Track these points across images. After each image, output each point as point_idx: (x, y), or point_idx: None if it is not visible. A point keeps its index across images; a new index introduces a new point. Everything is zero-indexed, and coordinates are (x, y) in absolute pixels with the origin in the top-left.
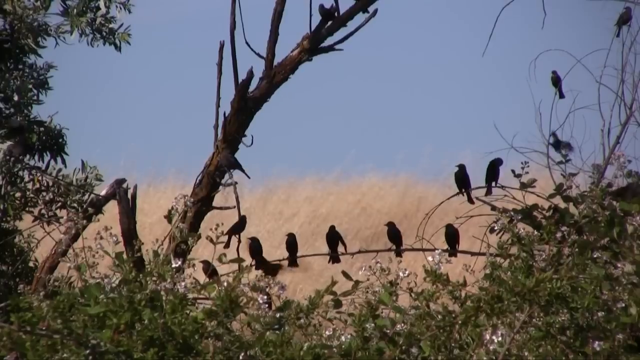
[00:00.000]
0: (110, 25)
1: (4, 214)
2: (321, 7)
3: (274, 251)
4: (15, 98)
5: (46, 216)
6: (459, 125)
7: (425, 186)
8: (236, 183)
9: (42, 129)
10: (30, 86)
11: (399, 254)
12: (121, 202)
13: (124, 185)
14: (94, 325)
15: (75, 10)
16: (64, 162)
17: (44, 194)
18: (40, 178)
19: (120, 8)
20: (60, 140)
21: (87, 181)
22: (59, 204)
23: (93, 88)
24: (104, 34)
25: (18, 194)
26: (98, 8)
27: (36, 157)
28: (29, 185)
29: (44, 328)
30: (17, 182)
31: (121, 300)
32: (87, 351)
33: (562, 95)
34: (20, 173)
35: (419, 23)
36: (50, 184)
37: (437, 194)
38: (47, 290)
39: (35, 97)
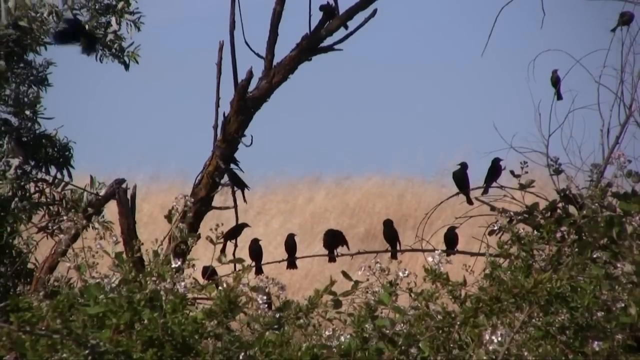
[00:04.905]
0: (121, 43)
1: (12, 227)
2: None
3: (274, 252)
4: (27, 112)
5: (50, 229)
6: (457, 125)
7: (423, 186)
8: (234, 185)
9: (48, 143)
10: (41, 98)
11: (394, 255)
12: (120, 202)
13: (124, 185)
14: (94, 325)
15: (87, 26)
16: (70, 175)
17: (50, 207)
18: (46, 191)
19: (131, 26)
20: (67, 153)
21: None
22: (63, 218)
23: (91, 88)
24: (114, 51)
25: (24, 206)
26: (109, 24)
27: (43, 170)
28: (35, 197)
29: (43, 328)
30: (27, 197)
31: (121, 301)
32: (87, 351)
33: (560, 97)
34: (27, 186)
35: (418, 23)
36: (57, 197)
37: (435, 194)
38: (47, 290)
39: (35, 95)
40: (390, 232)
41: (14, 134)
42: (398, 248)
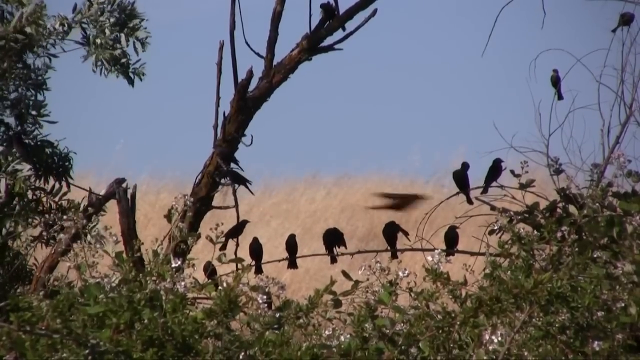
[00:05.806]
0: (128, 60)
1: (13, 229)
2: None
3: (274, 252)
4: (32, 112)
5: (45, 238)
6: (457, 125)
7: (422, 186)
8: (235, 182)
9: (49, 151)
10: (45, 103)
11: (394, 255)
12: (120, 202)
13: (124, 185)
14: (94, 325)
15: (99, 40)
16: (68, 186)
17: (46, 215)
18: (43, 199)
19: (138, 44)
20: (67, 163)
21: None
22: (59, 227)
23: (91, 87)
24: (119, 66)
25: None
26: (118, 40)
27: (41, 178)
28: (32, 205)
29: (43, 328)
30: (24, 203)
31: (121, 300)
32: (87, 351)
33: (560, 97)
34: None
35: (418, 23)
36: (54, 207)
37: (435, 194)
38: (47, 290)
39: (33, 98)
40: (390, 231)
41: (14, 135)
42: (402, 248)
